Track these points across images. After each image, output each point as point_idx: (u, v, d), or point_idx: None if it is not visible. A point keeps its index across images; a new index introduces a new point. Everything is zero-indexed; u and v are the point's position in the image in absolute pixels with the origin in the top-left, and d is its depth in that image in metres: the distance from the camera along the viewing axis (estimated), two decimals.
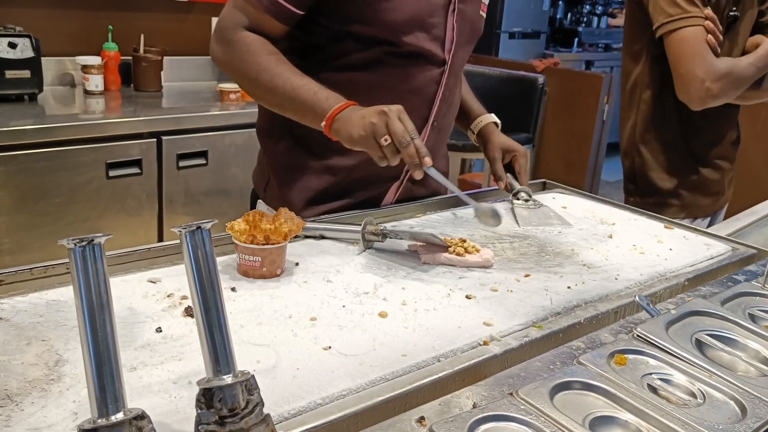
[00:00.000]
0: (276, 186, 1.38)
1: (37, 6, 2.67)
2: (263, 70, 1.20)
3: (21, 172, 2.09)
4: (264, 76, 1.20)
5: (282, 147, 1.36)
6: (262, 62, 1.21)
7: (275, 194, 1.39)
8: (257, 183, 1.46)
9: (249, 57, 1.22)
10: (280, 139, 1.37)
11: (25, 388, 0.70)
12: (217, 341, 0.62)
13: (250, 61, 1.22)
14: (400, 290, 1.00)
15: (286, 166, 1.36)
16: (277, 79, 1.19)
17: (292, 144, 1.35)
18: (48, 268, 0.96)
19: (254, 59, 1.22)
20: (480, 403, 0.73)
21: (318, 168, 1.34)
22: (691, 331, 0.91)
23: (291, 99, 1.19)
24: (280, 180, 1.37)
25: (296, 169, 1.35)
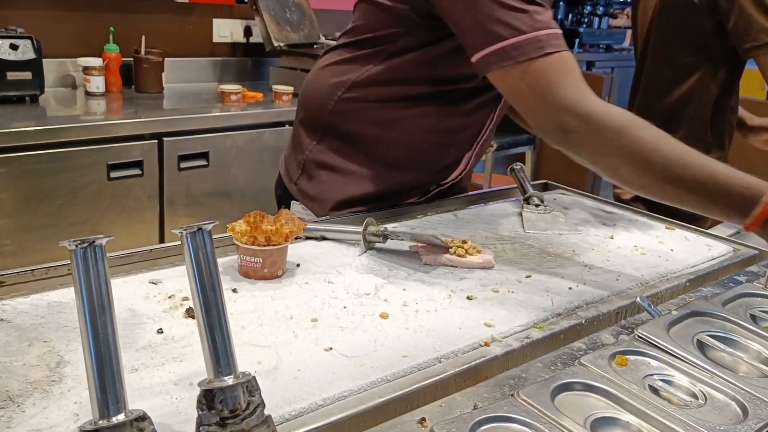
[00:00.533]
0: (308, 181, 1.36)
1: (38, 7, 2.67)
2: (653, 151, 1.00)
3: (22, 174, 2.09)
4: (657, 160, 0.99)
5: (325, 145, 1.34)
6: (647, 139, 1.00)
7: (306, 188, 1.36)
8: (288, 174, 1.42)
9: (629, 135, 1.00)
10: (323, 137, 1.34)
11: (26, 389, 0.70)
12: (218, 342, 0.62)
13: (631, 139, 1.00)
14: (401, 291, 1.00)
15: (325, 164, 1.34)
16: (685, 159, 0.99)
17: (336, 145, 1.33)
18: (49, 270, 0.96)
19: (637, 136, 1.01)
20: (481, 404, 0.73)
21: (359, 174, 1.32)
22: (693, 332, 0.90)
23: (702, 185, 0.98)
24: (314, 176, 1.35)
25: (335, 170, 1.33)
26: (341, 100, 1.29)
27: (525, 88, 1.05)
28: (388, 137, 1.30)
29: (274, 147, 2.65)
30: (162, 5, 3.01)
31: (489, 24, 1.04)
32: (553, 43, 1.04)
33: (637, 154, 1.00)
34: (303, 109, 1.39)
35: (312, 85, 1.37)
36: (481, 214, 1.41)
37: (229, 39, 3.24)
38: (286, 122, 2.70)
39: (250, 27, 3.26)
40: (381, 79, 1.26)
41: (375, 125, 1.29)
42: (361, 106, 1.28)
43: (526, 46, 1.03)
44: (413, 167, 1.33)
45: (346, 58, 1.30)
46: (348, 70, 1.29)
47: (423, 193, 1.40)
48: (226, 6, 3.22)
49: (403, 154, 1.31)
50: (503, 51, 1.04)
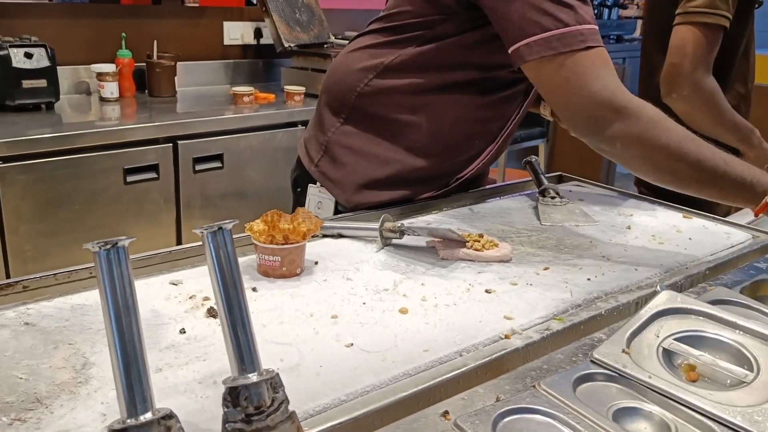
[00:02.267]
0: (329, 163, 1.36)
1: (51, 16, 2.70)
2: (684, 139, 1.07)
3: (40, 181, 2.11)
4: (689, 146, 1.06)
5: (349, 128, 1.34)
6: (678, 131, 1.07)
7: (327, 170, 1.36)
8: (308, 155, 1.41)
9: (661, 125, 1.07)
10: (348, 119, 1.34)
11: (53, 391, 0.71)
12: (241, 340, 0.63)
13: (663, 130, 1.06)
14: (420, 286, 1.00)
15: (348, 146, 1.34)
16: (705, 151, 1.07)
17: (361, 128, 1.33)
18: (71, 273, 0.97)
19: (667, 127, 1.07)
20: (503, 397, 0.73)
21: (382, 158, 1.32)
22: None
23: (721, 174, 1.07)
24: (337, 158, 1.35)
25: (358, 153, 1.33)
26: (371, 84, 1.30)
27: (561, 80, 1.08)
28: (416, 123, 1.30)
29: (287, 147, 2.66)
30: (173, 10, 3.03)
31: (533, 15, 1.06)
32: (593, 38, 1.08)
33: (671, 143, 1.06)
34: (328, 92, 1.39)
35: (340, 68, 1.37)
36: (497, 208, 1.41)
37: (240, 41, 3.25)
38: (299, 122, 2.71)
39: (260, 29, 3.27)
40: (414, 64, 1.26)
41: (404, 110, 1.29)
42: (392, 91, 1.29)
43: (569, 38, 1.06)
44: (436, 155, 1.33)
45: (379, 42, 1.30)
46: (381, 54, 1.29)
47: (443, 186, 1.40)
48: (236, 8, 3.23)
49: (429, 141, 1.31)
50: (545, 41, 1.06)
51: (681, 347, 0.82)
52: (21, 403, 0.69)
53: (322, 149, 1.37)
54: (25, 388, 0.71)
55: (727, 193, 1.10)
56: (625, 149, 1.09)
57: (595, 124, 1.08)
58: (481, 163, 1.41)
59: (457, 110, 1.29)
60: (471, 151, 1.38)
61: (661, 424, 0.72)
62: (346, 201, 1.34)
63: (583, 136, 1.11)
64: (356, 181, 1.33)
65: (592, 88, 1.06)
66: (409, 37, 1.26)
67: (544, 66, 1.08)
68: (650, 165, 1.10)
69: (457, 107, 1.29)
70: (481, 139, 1.38)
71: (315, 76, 2.96)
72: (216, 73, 3.19)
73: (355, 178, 1.33)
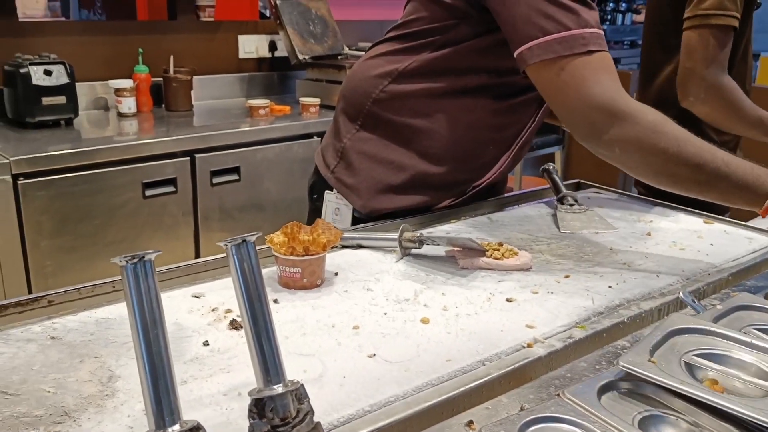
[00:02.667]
0: (345, 169, 1.37)
1: (70, 34, 2.74)
2: (684, 143, 1.06)
3: (60, 196, 2.14)
4: (688, 150, 1.05)
5: (365, 134, 1.35)
6: (678, 135, 1.06)
7: (343, 176, 1.37)
8: (324, 162, 1.42)
9: (660, 130, 1.06)
10: (364, 126, 1.35)
11: (81, 404, 0.72)
12: (266, 351, 0.63)
13: (663, 134, 1.06)
14: (441, 296, 1.00)
15: (363, 152, 1.35)
16: (705, 154, 1.05)
17: (377, 134, 1.34)
18: (95, 287, 0.98)
19: (665, 131, 1.06)
20: (528, 405, 0.73)
21: (397, 164, 1.33)
22: (739, 326, 0.89)
23: (723, 176, 1.05)
24: (352, 164, 1.36)
25: (374, 159, 1.34)
26: (387, 89, 1.31)
27: (561, 83, 1.09)
28: (431, 129, 1.31)
29: (303, 159, 2.68)
30: (188, 25, 3.07)
31: (536, 18, 1.08)
32: (596, 42, 1.08)
33: (670, 146, 1.05)
34: (345, 99, 1.40)
35: (357, 75, 1.38)
36: (516, 216, 1.40)
37: (255, 54, 3.28)
38: (315, 134, 2.73)
39: (275, 41, 3.30)
40: (428, 69, 1.27)
41: (418, 116, 1.30)
42: (407, 97, 1.30)
43: (571, 41, 1.07)
44: (451, 161, 1.33)
45: (395, 49, 1.32)
46: (396, 61, 1.30)
47: (459, 194, 1.40)
48: (250, 22, 3.27)
49: (443, 147, 1.32)
50: (546, 44, 1.07)
51: (702, 362, 0.81)
52: (49, 416, 0.69)
53: (338, 155, 1.38)
54: (53, 402, 0.72)
55: (729, 195, 1.09)
56: (624, 154, 1.09)
57: (593, 128, 1.08)
58: (498, 172, 1.41)
59: (471, 116, 1.30)
60: (485, 158, 1.38)
61: None
62: (362, 207, 1.35)
63: (583, 140, 1.12)
64: (372, 187, 1.34)
65: (591, 92, 1.07)
66: (424, 43, 1.27)
67: (546, 69, 1.09)
68: (650, 169, 1.10)
69: (470, 112, 1.29)
70: (496, 146, 1.38)
71: (330, 87, 2.98)
72: (232, 86, 3.22)
73: (371, 183, 1.34)
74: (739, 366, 0.81)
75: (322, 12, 3.19)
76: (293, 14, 3.04)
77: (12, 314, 0.91)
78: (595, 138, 1.09)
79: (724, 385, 0.77)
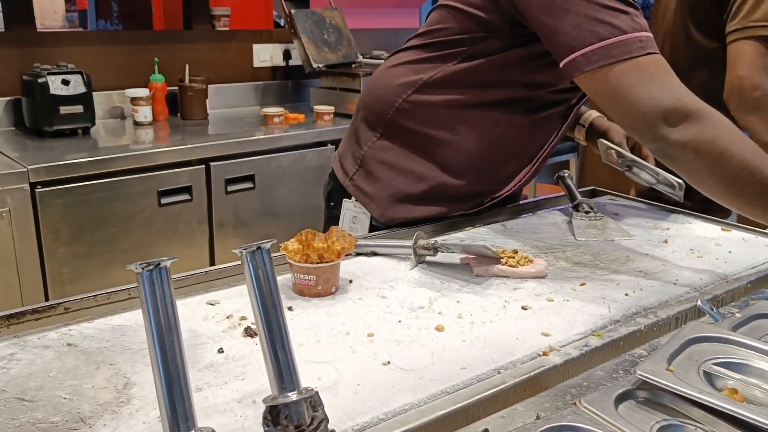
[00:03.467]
0: (364, 177, 1.37)
1: (87, 44, 2.77)
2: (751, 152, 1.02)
3: (77, 204, 2.16)
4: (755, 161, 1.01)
5: (386, 142, 1.34)
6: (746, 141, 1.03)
7: (361, 184, 1.37)
8: (343, 169, 1.42)
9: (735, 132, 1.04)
10: (384, 134, 1.34)
11: (96, 411, 0.72)
12: (281, 359, 0.63)
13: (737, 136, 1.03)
14: (455, 303, 1.00)
15: (383, 161, 1.34)
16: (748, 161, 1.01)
17: (397, 143, 1.33)
18: (110, 295, 0.99)
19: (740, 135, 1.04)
20: (544, 414, 0.73)
21: (417, 174, 1.32)
22: (759, 335, 0.88)
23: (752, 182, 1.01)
24: (372, 172, 1.35)
25: (393, 168, 1.33)
26: (410, 99, 1.30)
27: (625, 87, 1.05)
28: (453, 141, 1.30)
29: (317, 166, 2.68)
30: (203, 34, 3.09)
31: (590, 24, 1.06)
32: (652, 45, 1.07)
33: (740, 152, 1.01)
34: (365, 107, 1.39)
35: (379, 83, 1.37)
36: (531, 224, 1.40)
37: (269, 63, 3.30)
38: (329, 142, 2.73)
39: (289, 50, 3.32)
40: (454, 81, 1.26)
41: (441, 127, 1.29)
42: (430, 107, 1.29)
43: (629, 44, 1.05)
44: (473, 174, 1.33)
45: (420, 58, 1.30)
46: (420, 70, 1.29)
47: (477, 205, 1.40)
48: (265, 31, 3.29)
49: (464, 159, 1.31)
50: (603, 50, 1.05)
51: (721, 371, 0.80)
52: (65, 423, 0.70)
53: (357, 163, 1.38)
54: (69, 408, 0.72)
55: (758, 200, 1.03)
56: (696, 155, 1.03)
57: (664, 130, 1.04)
58: (518, 185, 1.40)
59: (495, 129, 1.29)
60: (506, 172, 1.37)
61: None
62: (380, 216, 1.34)
63: (650, 143, 1.08)
64: (391, 196, 1.33)
65: (660, 93, 1.04)
66: (451, 54, 1.26)
67: (603, 75, 1.06)
68: (717, 173, 1.03)
69: (494, 126, 1.29)
70: (517, 160, 1.37)
71: (344, 95, 2.98)
72: (246, 95, 3.24)
73: (390, 192, 1.33)
74: (759, 375, 0.80)
75: (336, 21, 3.21)
76: (308, 23, 3.05)
77: (29, 321, 0.92)
78: (665, 140, 1.04)
79: (744, 395, 0.76)
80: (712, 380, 0.78)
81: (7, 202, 2.01)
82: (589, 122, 1.49)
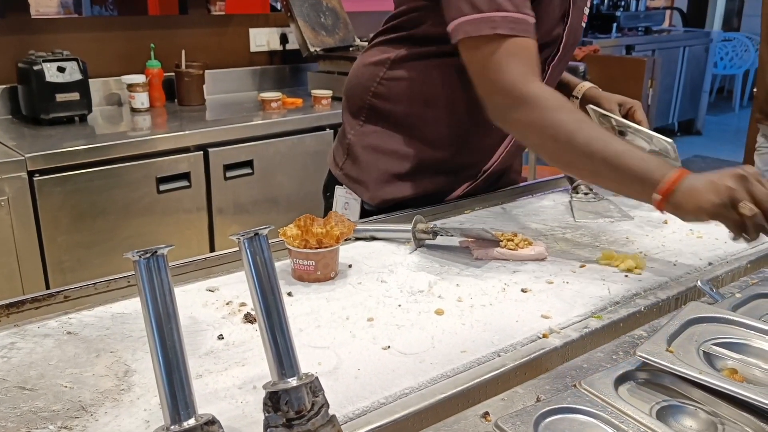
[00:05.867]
0: (352, 164, 1.39)
1: (82, 30, 2.75)
2: (574, 132, 1.05)
3: (76, 192, 2.15)
4: (578, 139, 1.05)
5: (369, 128, 1.37)
6: (569, 122, 1.06)
7: (350, 171, 1.39)
8: (334, 160, 1.45)
9: (553, 116, 1.07)
10: (367, 120, 1.37)
11: (97, 398, 0.72)
12: (280, 345, 0.63)
13: (555, 121, 1.07)
14: (455, 287, 1.00)
15: (368, 145, 1.37)
16: (595, 144, 1.04)
17: (379, 126, 1.35)
18: (110, 282, 0.99)
19: (559, 118, 1.07)
20: (544, 397, 0.73)
21: (402, 153, 1.34)
22: (759, 315, 0.88)
23: (613, 167, 1.03)
24: (358, 158, 1.38)
25: (378, 150, 1.35)
26: (383, 81, 1.32)
27: (474, 64, 1.14)
28: (431, 116, 1.32)
29: (316, 151, 2.67)
30: (199, 19, 3.07)
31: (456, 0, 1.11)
32: (508, 26, 1.09)
33: (559, 134, 1.06)
34: (346, 97, 1.42)
35: (355, 71, 1.41)
36: (530, 206, 1.39)
37: (266, 47, 3.27)
38: (327, 126, 2.72)
39: (286, 34, 3.29)
40: (416, 54, 1.28)
41: (417, 104, 1.31)
42: (403, 85, 1.31)
43: (480, 24, 1.09)
44: (454, 145, 1.34)
45: (385, 40, 1.34)
46: (387, 50, 1.33)
47: (470, 178, 1.40)
48: (261, 15, 3.26)
49: (444, 131, 1.33)
50: (460, 26, 1.11)
51: (721, 351, 0.80)
52: (66, 411, 0.70)
53: (345, 152, 1.40)
54: (70, 396, 0.72)
55: (621, 186, 1.06)
56: (523, 137, 1.16)
57: (497, 109, 1.13)
58: (505, 152, 1.39)
59: (463, 96, 1.28)
60: (489, 140, 1.37)
61: (707, 422, 0.70)
62: (371, 198, 1.35)
63: (493, 120, 1.15)
64: (378, 178, 1.35)
65: (495, 75, 1.10)
66: (409, 34, 1.29)
67: (464, 49, 1.14)
68: (546, 154, 1.12)
69: (461, 93, 1.28)
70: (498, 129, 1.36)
71: (341, 79, 2.95)
72: (243, 80, 3.22)
73: (377, 174, 1.35)
74: (758, 355, 0.80)
75: (332, 4, 3.18)
76: (304, 6, 3.03)
77: (29, 310, 0.92)
78: (500, 119, 1.14)
79: (744, 375, 0.76)
80: (711, 361, 0.78)
81: (6, 191, 2.00)
82: (582, 93, 1.49)
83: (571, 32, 1.29)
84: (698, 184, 0.96)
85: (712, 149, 6.13)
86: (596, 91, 1.48)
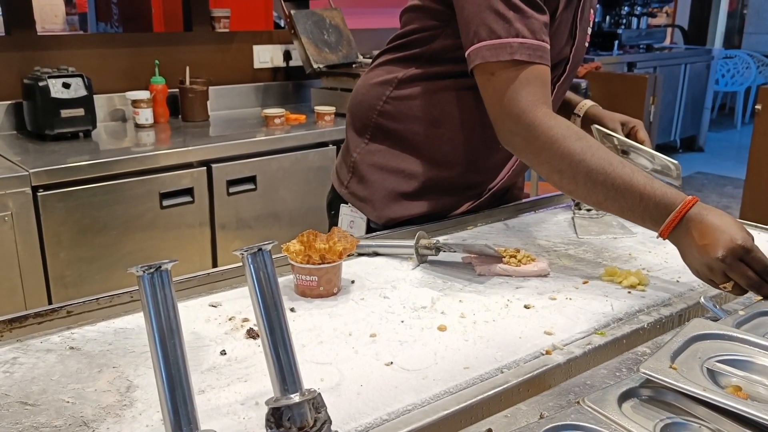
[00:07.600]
0: (357, 182, 1.39)
1: (87, 46, 2.77)
2: (578, 163, 1.06)
3: (79, 207, 2.16)
4: (579, 169, 1.06)
5: (374, 146, 1.37)
6: (575, 150, 1.06)
7: (356, 190, 1.39)
8: (339, 178, 1.45)
9: (558, 146, 1.07)
10: (372, 139, 1.37)
11: (99, 414, 0.72)
12: (283, 360, 0.63)
13: (560, 149, 1.07)
14: (458, 303, 1.00)
15: (374, 164, 1.36)
16: (597, 176, 1.05)
17: (385, 145, 1.35)
18: (113, 298, 0.99)
19: (565, 146, 1.07)
20: (547, 413, 0.72)
21: (408, 172, 1.34)
22: (763, 332, 0.88)
23: (620, 193, 1.03)
24: (364, 177, 1.37)
25: (384, 169, 1.35)
26: (390, 100, 1.32)
27: (489, 89, 1.14)
28: (437, 134, 1.31)
29: (319, 167, 2.68)
30: (204, 36, 3.09)
31: (475, 25, 1.12)
32: (526, 53, 1.10)
33: (563, 163, 1.08)
34: (351, 114, 1.42)
35: (360, 89, 1.40)
36: (532, 222, 1.39)
37: (270, 64, 3.29)
38: (330, 142, 2.73)
39: (290, 51, 3.31)
40: (426, 74, 1.29)
41: (423, 123, 1.31)
42: (409, 105, 1.31)
43: (498, 49, 1.10)
44: (461, 165, 1.34)
45: (392, 59, 1.34)
46: (394, 70, 1.33)
47: (475, 197, 1.40)
48: (265, 32, 3.28)
49: (451, 151, 1.33)
50: (477, 51, 1.12)
51: (725, 368, 0.80)
52: (68, 426, 0.70)
53: (350, 170, 1.40)
54: (72, 412, 0.72)
55: (629, 214, 1.06)
56: (531, 164, 1.17)
57: (507, 135, 1.14)
58: (511, 171, 1.40)
59: (474, 115, 1.29)
60: (495, 159, 1.38)
61: None
62: (377, 217, 1.35)
63: (505, 146, 1.17)
64: (385, 197, 1.35)
65: (507, 101, 1.11)
66: (418, 52, 1.29)
67: (479, 74, 1.14)
68: (551, 182, 1.13)
69: (472, 112, 1.28)
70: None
71: (345, 96, 2.98)
72: (247, 96, 3.23)
73: (383, 194, 1.35)
74: (762, 372, 0.79)
75: (336, 21, 3.21)
76: (308, 24, 3.05)
77: (32, 325, 0.92)
78: (509, 144, 1.16)
79: (748, 392, 0.76)
80: (715, 378, 0.78)
81: (9, 206, 2.01)
82: (584, 111, 1.49)
83: (576, 52, 1.30)
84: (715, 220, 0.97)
85: (714, 166, 6.14)
86: (598, 110, 1.49)
